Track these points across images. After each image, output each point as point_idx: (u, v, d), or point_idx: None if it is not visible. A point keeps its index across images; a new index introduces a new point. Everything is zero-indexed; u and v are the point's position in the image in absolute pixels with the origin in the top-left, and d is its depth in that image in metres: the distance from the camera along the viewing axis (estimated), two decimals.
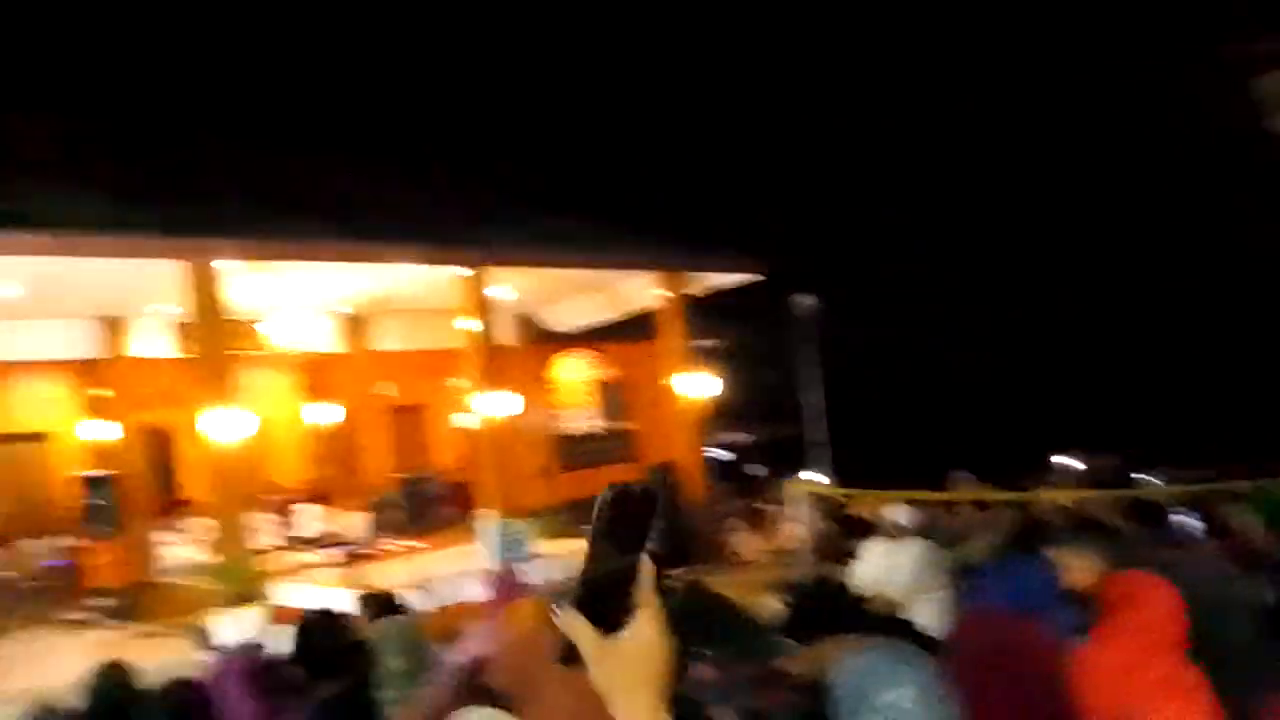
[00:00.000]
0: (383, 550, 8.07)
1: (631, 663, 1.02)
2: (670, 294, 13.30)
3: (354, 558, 9.73)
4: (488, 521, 8.96)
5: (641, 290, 14.05)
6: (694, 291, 13.99)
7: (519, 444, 13.10)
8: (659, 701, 1.01)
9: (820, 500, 11.44)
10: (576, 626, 1.02)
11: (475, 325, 11.56)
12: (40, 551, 13.07)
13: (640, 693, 1.02)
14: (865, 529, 7.23)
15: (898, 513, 5.99)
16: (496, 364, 11.88)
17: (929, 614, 5.14)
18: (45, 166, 9.98)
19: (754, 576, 10.28)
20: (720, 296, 15.18)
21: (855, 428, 18.80)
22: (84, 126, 11.86)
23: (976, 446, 14.90)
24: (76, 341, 12.31)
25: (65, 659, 8.72)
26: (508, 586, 4.87)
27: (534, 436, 15.79)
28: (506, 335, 14.73)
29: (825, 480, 12.72)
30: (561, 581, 9.17)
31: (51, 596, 12.05)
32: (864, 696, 2.00)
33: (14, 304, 10.49)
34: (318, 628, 3.23)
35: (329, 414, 15.44)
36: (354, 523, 12.88)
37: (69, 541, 13.02)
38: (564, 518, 12.23)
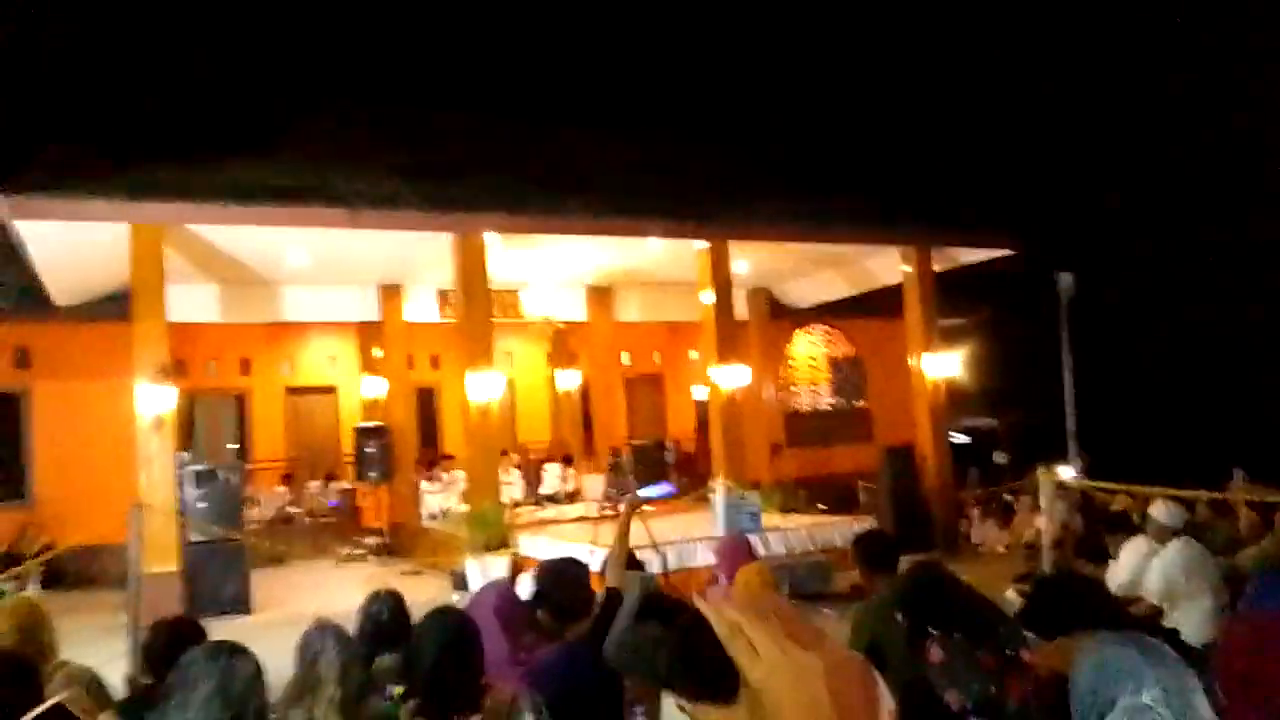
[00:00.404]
0: (616, 511, 8.46)
1: None
2: (917, 270, 12.82)
3: (589, 517, 10.23)
4: (719, 491, 9.13)
5: (886, 266, 13.66)
6: (941, 267, 13.40)
7: (751, 418, 13.18)
8: None
9: (1070, 493, 10.71)
10: None
11: (714, 299, 11.73)
12: (323, 492, 14.74)
13: None
14: (1119, 526, 6.71)
15: (1160, 510, 5.52)
16: (733, 338, 12.00)
17: (1192, 621, 4.73)
18: (335, 148, 11.11)
19: (995, 568, 9.83)
20: (969, 273, 14.45)
21: (1110, 416, 17.38)
22: (369, 112, 13.06)
23: (1248, 442, 13.37)
24: (358, 306, 13.64)
25: (342, 587, 9.81)
26: (737, 552, 4.97)
27: (766, 411, 15.84)
28: (744, 310, 14.82)
29: (1075, 472, 11.84)
30: (785, 555, 9.24)
31: (331, 532, 13.57)
32: (1107, 694, 1.92)
33: (307, 271, 11.84)
34: (563, 574, 3.45)
35: (573, 380, 16.26)
36: (591, 483, 13.52)
37: (347, 485, 14.60)
38: (793, 494, 12.22)
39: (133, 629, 6.79)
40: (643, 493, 5.13)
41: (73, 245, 9.54)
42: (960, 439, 17.60)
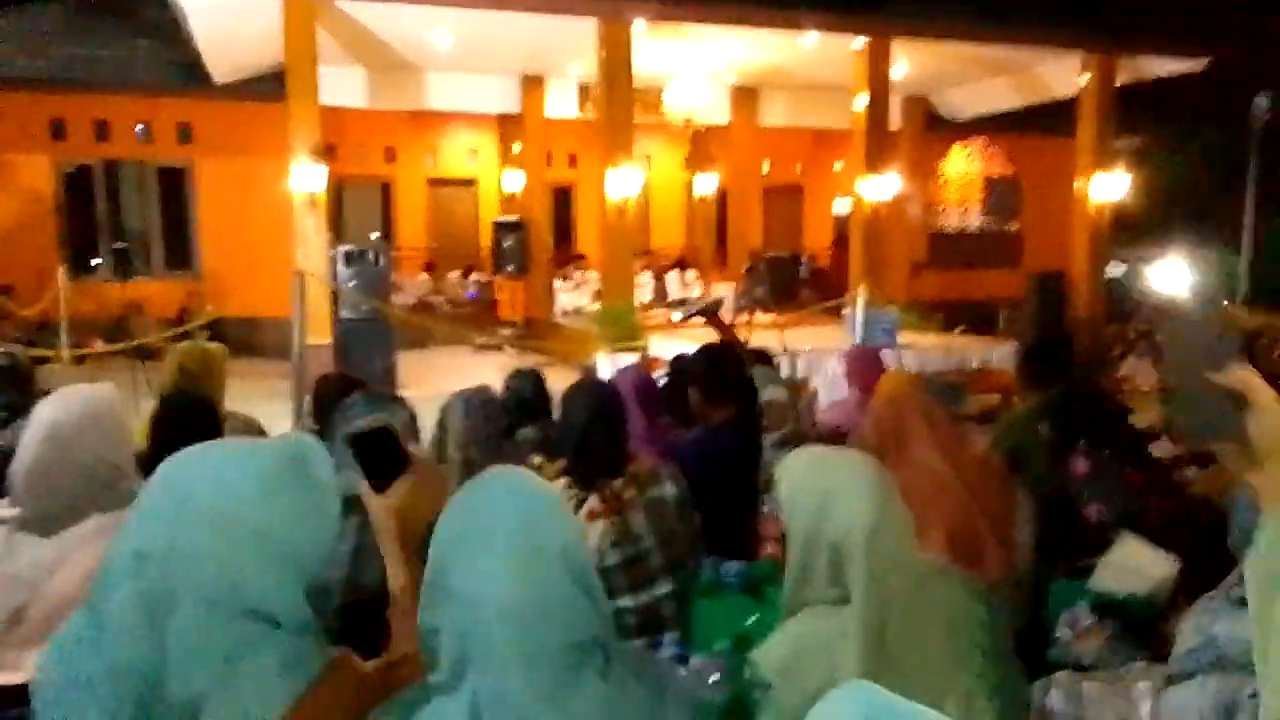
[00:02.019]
0: (746, 321, 8.47)
1: None
2: (1097, 80, 11.71)
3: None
4: (855, 304, 8.95)
5: (1059, 76, 12.53)
6: (1124, 80, 12.20)
7: (893, 235, 12.70)
8: None
9: (1236, 329, 10.06)
10: (1250, 379, 1.01)
11: (867, 105, 11.08)
12: (462, 283, 15.24)
13: None
14: None
15: None
16: (883, 148, 11.40)
17: None
18: None
19: (1140, 404, 9.45)
20: (1154, 88, 13.12)
21: None
22: None
23: None
24: (500, 96, 13.53)
25: (480, 371, 10.27)
26: (869, 363, 4.89)
27: (910, 229, 15.24)
28: (898, 120, 14.00)
29: (1243, 309, 11.05)
30: (920, 373, 9.09)
31: (469, 322, 14.10)
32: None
33: (446, 55, 11.74)
34: (720, 357, 3.46)
35: (710, 185, 15.95)
36: (722, 291, 13.47)
37: (484, 277, 15.02)
38: (930, 315, 11.88)
39: (296, 391, 7.31)
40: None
41: (230, 20, 9.67)
42: (1118, 271, 16.62)
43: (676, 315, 10.09)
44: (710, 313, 4.25)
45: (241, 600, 1.05)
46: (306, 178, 9.19)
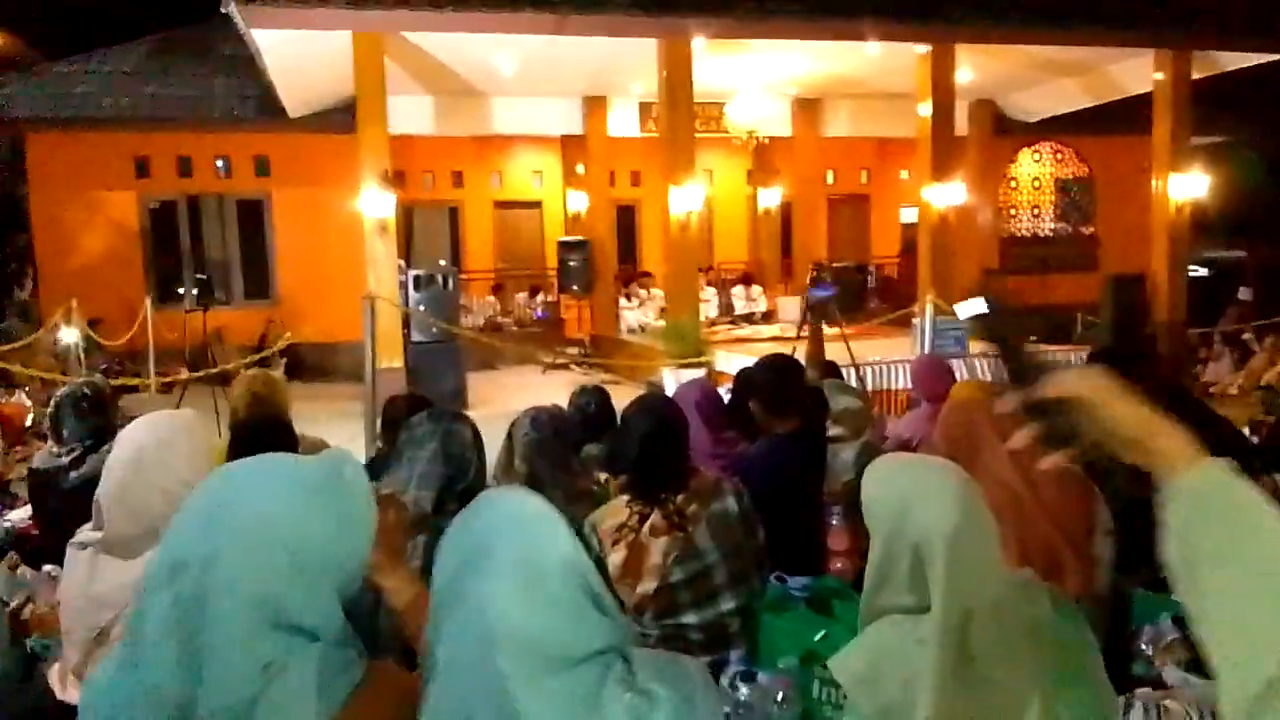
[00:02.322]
0: (814, 333, 8.43)
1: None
2: (1172, 76, 11.35)
3: (784, 336, 10.18)
4: (929, 311, 8.80)
5: (1132, 73, 12.18)
6: (1200, 74, 11.80)
7: (963, 241, 12.47)
8: None
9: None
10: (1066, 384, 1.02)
11: (932, 111, 10.92)
12: (529, 303, 15.42)
13: None
14: None
15: None
16: (950, 154, 11.21)
17: None
18: None
19: (1228, 410, 9.09)
20: (1232, 83, 12.66)
21: None
22: None
23: None
24: (563, 118, 13.70)
25: (548, 389, 10.37)
26: (937, 373, 4.80)
27: (980, 235, 14.95)
28: (964, 125, 13.76)
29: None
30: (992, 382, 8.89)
31: (536, 341, 14.25)
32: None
33: (510, 80, 11.94)
34: (782, 369, 3.44)
35: (774, 199, 15.88)
36: (789, 304, 13.39)
37: (551, 297, 15.18)
38: (1004, 320, 11.62)
39: (368, 413, 7.47)
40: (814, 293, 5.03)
41: (302, 55, 10.00)
42: (1199, 271, 16.04)
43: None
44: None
45: (277, 612, 1.05)
46: (376, 205, 9.42)
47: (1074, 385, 0.99)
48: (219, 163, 13.65)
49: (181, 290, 13.25)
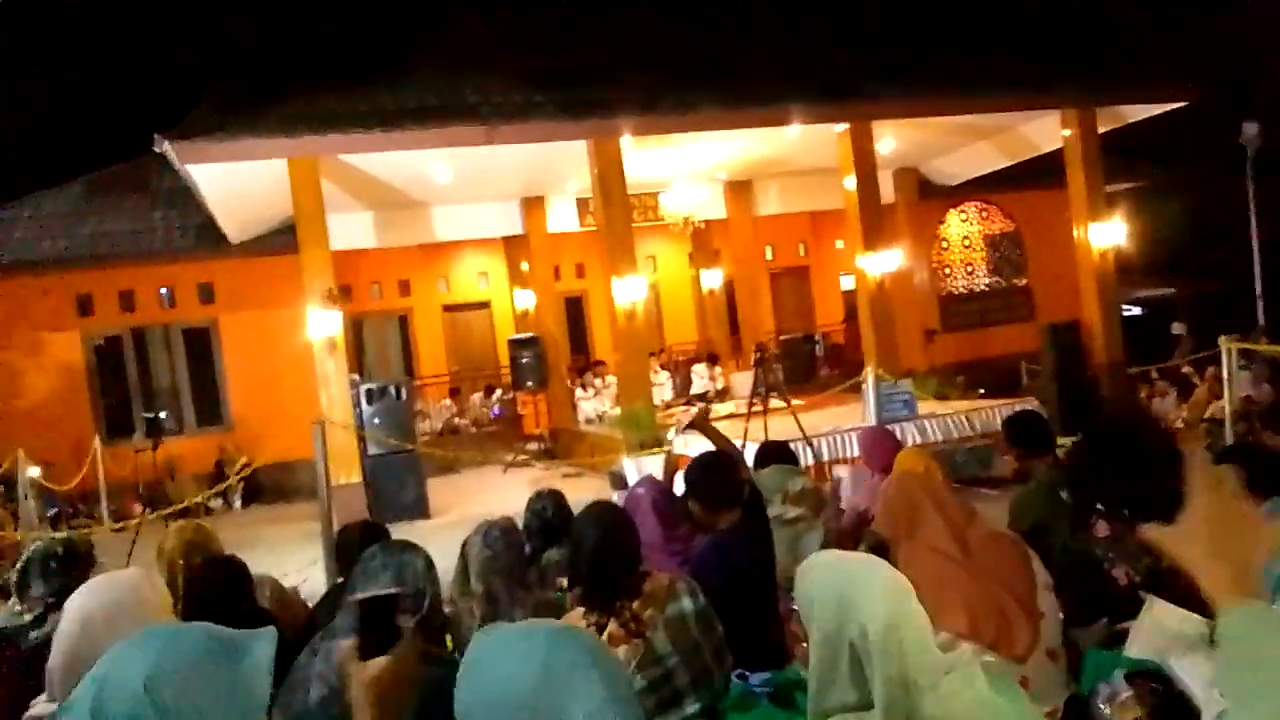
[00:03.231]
0: (766, 408, 8.52)
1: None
2: (1079, 133, 11.91)
3: (739, 414, 10.30)
4: (870, 380, 8.98)
5: (1042, 132, 12.77)
6: (1107, 127, 12.40)
7: (903, 304, 12.81)
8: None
9: (1256, 362, 9.97)
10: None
11: (857, 184, 11.33)
12: (485, 403, 15.42)
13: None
14: None
15: None
16: (880, 222, 11.60)
17: None
18: (468, 60, 11.22)
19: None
20: (1139, 130, 13.31)
21: None
22: (498, 19, 13.08)
23: None
24: (503, 220, 13.95)
25: (510, 490, 10.32)
26: (882, 443, 4.92)
27: (919, 296, 15.36)
28: (891, 192, 14.26)
29: (1262, 341, 10.96)
30: (944, 441, 9.05)
31: (496, 441, 14.22)
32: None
33: (448, 189, 12.18)
34: (713, 466, 3.51)
35: (717, 278, 16.21)
36: (739, 381, 13.56)
37: (506, 395, 15.21)
38: (950, 379, 11.88)
39: (326, 535, 7.39)
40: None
41: (239, 183, 10.13)
42: (1132, 311, 16.57)
43: (672, 434, 10.01)
44: (696, 424, 4.30)
45: None
46: (322, 323, 9.47)
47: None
48: (163, 292, 13.63)
49: (132, 425, 13.10)
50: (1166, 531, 1.09)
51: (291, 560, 7.55)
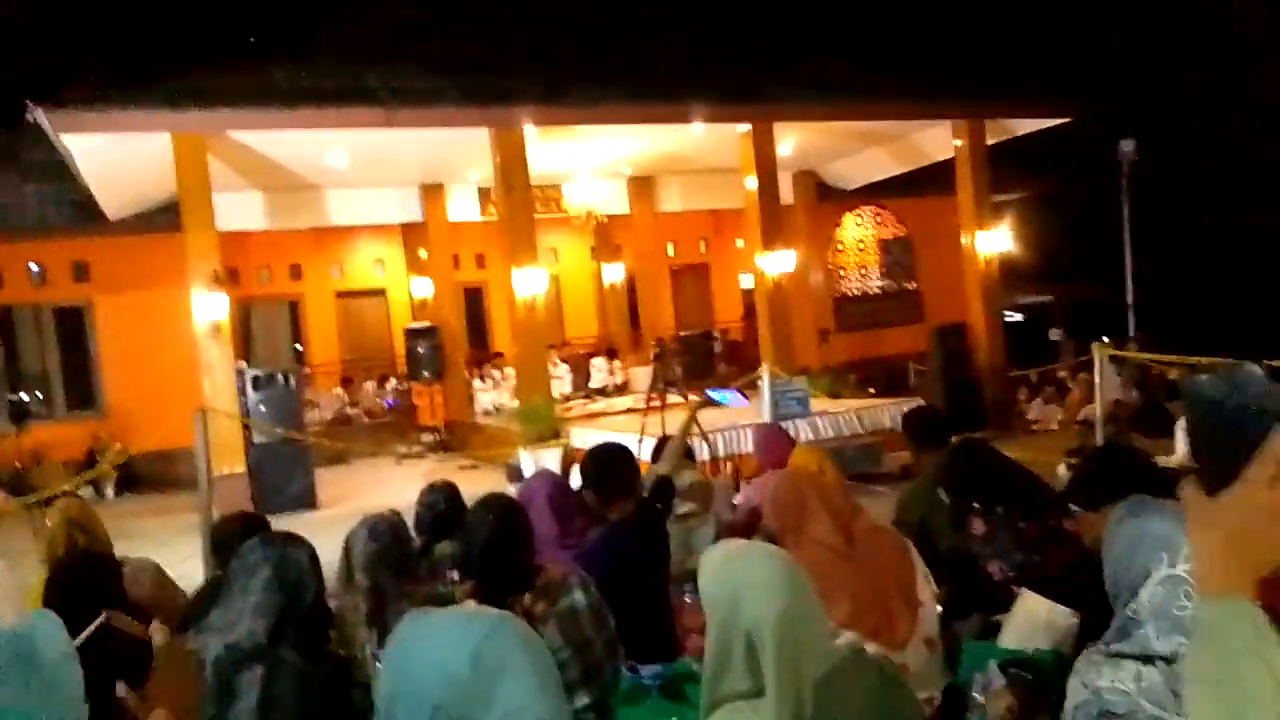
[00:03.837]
0: (664, 403, 8.59)
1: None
2: (969, 143, 12.38)
3: (637, 409, 10.35)
4: (766, 378, 9.14)
5: (934, 141, 13.22)
6: (995, 139, 12.93)
7: (799, 304, 13.08)
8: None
9: (1127, 367, 10.55)
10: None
11: (758, 184, 11.50)
12: (379, 393, 15.09)
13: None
14: (1180, 397, 6.60)
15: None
16: (778, 223, 11.81)
17: None
18: (370, 46, 10.92)
19: (1048, 445, 9.79)
20: (1024, 144, 13.91)
21: (1171, 291, 16.87)
22: (402, 5, 12.76)
23: None
24: (402, 206, 13.66)
25: (403, 482, 10.13)
26: (777, 441, 5.01)
27: (814, 297, 15.71)
28: (790, 194, 14.53)
29: (1132, 348, 11.61)
30: (835, 437, 9.28)
31: (389, 431, 13.93)
32: (1140, 565, 1.91)
33: (344, 173, 11.85)
34: (607, 457, 3.51)
35: (618, 273, 16.24)
36: (639, 375, 13.63)
37: (401, 385, 14.91)
38: (842, 378, 12.19)
39: (205, 527, 7.10)
40: (712, 394, 5.15)
41: (119, 158, 9.63)
42: (1014, 316, 17.31)
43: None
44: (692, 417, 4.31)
45: None
46: (207, 307, 9.10)
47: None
48: (33, 269, 12.86)
49: None
50: (1202, 502, 1.01)
51: (169, 553, 7.21)
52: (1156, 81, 19.86)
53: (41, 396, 12.63)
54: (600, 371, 14.77)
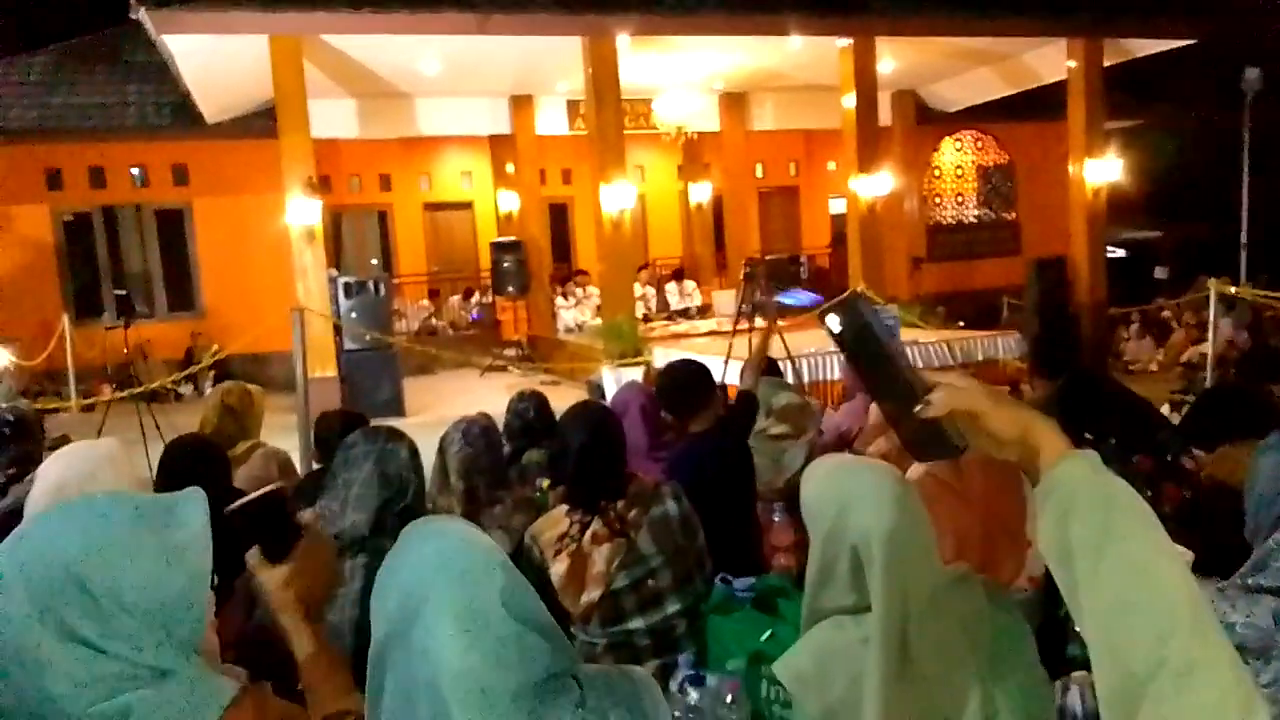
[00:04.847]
0: (751, 325, 8.45)
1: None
2: (1084, 65, 11.69)
3: (721, 331, 10.25)
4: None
5: (1046, 62, 12.53)
6: (1111, 61, 12.18)
7: (891, 231, 12.69)
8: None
9: (1239, 309, 10.02)
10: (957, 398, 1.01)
11: (856, 103, 11.09)
12: (464, 306, 15.28)
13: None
14: None
15: None
16: (875, 145, 11.40)
17: None
18: None
19: (1147, 386, 9.41)
20: (1141, 68, 13.10)
21: None
22: None
23: None
24: (490, 118, 13.58)
25: (487, 393, 10.28)
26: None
27: (907, 224, 15.24)
28: (888, 115, 14.00)
29: (1247, 287, 11.01)
30: (926, 368, 9.06)
31: (473, 344, 14.13)
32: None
33: (434, 81, 11.79)
34: (680, 374, 3.47)
35: (705, 193, 15.98)
36: (723, 298, 13.49)
37: (486, 299, 15.06)
38: (931, 309, 11.87)
39: (302, 426, 7.33)
40: (783, 299, 5.04)
41: (218, 61, 9.74)
42: (1117, 252, 16.56)
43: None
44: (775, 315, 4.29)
45: (109, 660, 1.02)
46: (302, 212, 9.23)
47: (950, 401, 1.02)
48: (135, 172, 13.24)
49: (102, 305, 12.85)
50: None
51: None
52: None
53: (143, 296, 13.10)
54: (673, 295, 14.66)
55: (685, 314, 14.18)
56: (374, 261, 15.59)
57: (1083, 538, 0.90)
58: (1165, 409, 6.42)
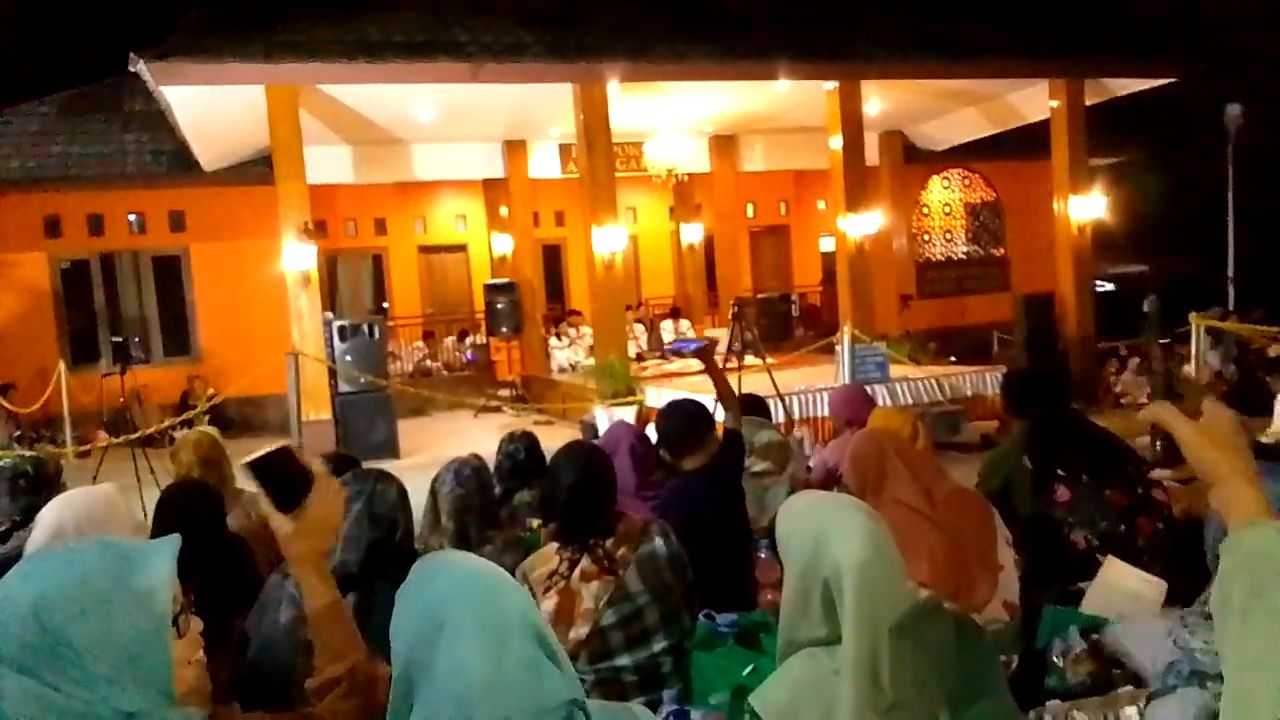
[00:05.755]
0: (740, 364, 8.54)
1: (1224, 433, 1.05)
2: (1066, 104, 11.91)
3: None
4: (845, 341, 9.04)
5: (1029, 102, 12.75)
6: (1094, 100, 12.40)
7: (880, 268, 12.84)
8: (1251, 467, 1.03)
9: (1225, 343, 10.13)
10: (1163, 413, 1.07)
11: (843, 144, 11.28)
12: (459, 347, 15.35)
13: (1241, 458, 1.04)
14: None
15: None
16: (863, 184, 11.58)
17: None
18: (460, 1, 10.98)
19: (1135, 418, 9.48)
20: (1124, 106, 13.32)
21: (1271, 266, 16.07)
22: None
23: None
24: (484, 162, 13.78)
25: (480, 434, 10.34)
26: (857, 400, 4.96)
27: (897, 261, 15.40)
28: (875, 155, 14.21)
29: (1233, 321, 11.12)
30: (914, 404, 9.15)
31: (468, 385, 14.17)
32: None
33: (429, 127, 11.98)
34: (680, 412, 3.54)
35: (696, 234, 16.15)
36: (714, 336, 13.58)
37: (480, 340, 15.14)
38: (922, 345, 11.97)
39: None
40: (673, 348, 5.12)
41: (215, 110, 9.91)
42: (1105, 287, 16.72)
43: (672, 349, 10.18)
44: (703, 353, 4.31)
45: (65, 699, 1.08)
46: (297, 257, 9.35)
47: (1157, 413, 1.09)
48: (132, 219, 13.36)
49: (99, 351, 12.91)
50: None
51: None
52: (1265, 43, 18.80)
53: (139, 341, 13.17)
54: (668, 333, 14.76)
55: (676, 352, 14.25)
56: (368, 310, 15.67)
57: (1241, 597, 0.95)
58: (1147, 439, 6.50)
